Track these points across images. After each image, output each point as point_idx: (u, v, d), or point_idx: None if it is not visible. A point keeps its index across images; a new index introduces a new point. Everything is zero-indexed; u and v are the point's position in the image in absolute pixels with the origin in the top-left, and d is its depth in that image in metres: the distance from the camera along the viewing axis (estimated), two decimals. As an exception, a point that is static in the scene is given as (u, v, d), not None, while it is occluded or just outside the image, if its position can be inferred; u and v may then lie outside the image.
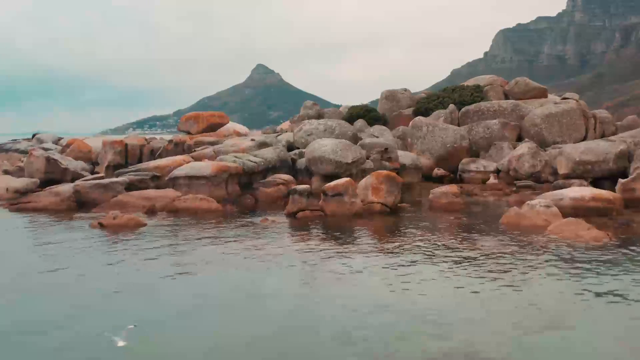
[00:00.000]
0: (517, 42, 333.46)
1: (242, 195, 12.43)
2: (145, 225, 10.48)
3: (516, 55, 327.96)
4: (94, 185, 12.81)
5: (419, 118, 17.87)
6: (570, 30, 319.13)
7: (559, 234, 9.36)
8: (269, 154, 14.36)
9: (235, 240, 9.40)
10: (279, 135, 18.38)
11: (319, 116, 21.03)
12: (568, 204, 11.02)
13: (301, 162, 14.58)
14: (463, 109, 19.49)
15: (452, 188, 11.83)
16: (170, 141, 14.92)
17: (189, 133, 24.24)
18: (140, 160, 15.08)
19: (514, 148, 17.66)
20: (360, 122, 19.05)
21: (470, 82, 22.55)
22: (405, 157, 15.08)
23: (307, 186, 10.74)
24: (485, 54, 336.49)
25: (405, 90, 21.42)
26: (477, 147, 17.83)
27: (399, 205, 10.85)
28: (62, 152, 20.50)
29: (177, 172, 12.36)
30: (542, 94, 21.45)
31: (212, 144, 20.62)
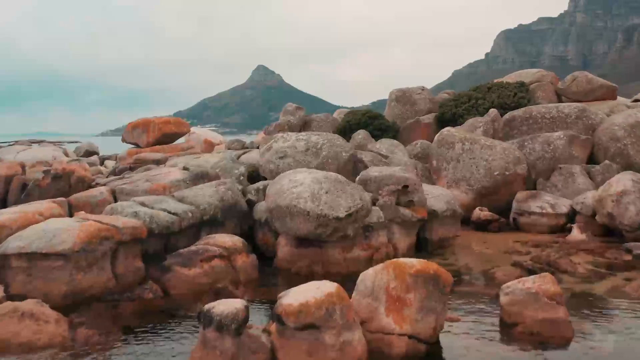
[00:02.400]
0: (518, 42, 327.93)
1: (143, 284, 6.57)
2: None
3: (518, 56, 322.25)
4: None
5: (449, 130, 11.78)
6: (572, 31, 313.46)
7: None
8: (204, 196, 8.37)
9: None
10: (245, 153, 12.41)
11: (305, 125, 15.11)
12: None
13: (262, 208, 8.60)
14: (507, 116, 13.43)
15: (545, 281, 5.84)
16: (46, 171, 8.59)
17: (137, 146, 18.31)
18: (3, 202, 9.13)
19: (589, 174, 11.68)
20: (361, 135, 13.02)
21: (511, 77, 16.55)
22: (435, 196, 9.00)
23: (239, 306, 4.12)
24: (487, 54, 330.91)
25: (423, 89, 15.40)
26: (533, 173, 11.89)
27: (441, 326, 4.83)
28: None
29: (11, 244, 6.45)
30: (610, 95, 15.43)
31: (159, 162, 14.68)
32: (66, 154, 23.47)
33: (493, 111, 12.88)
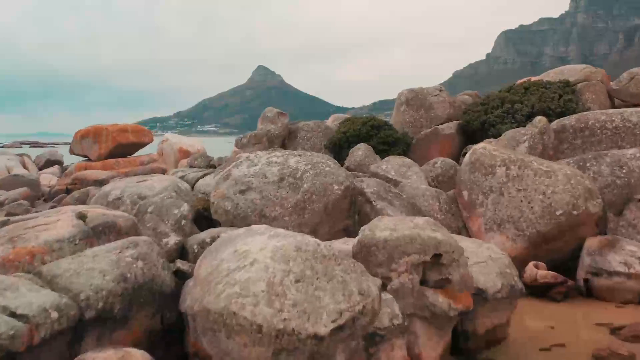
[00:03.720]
0: (519, 43, 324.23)
1: None
2: None
3: (518, 57, 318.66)
4: None
5: (485, 148, 8.27)
6: (573, 32, 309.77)
7: None
8: (91, 274, 4.97)
9: None
10: (206, 175, 8.92)
11: (290, 135, 11.66)
12: None
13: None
14: (554, 125, 9.98)
15: None
16: None
17: (88, 159, 14.91)
18: None
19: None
20: (361, 151, 9.57)
21: (550, 75, 13.05)
22: (479, 261, 5.48)
23: None
24: (487, 55, 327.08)
25: (441, 89, 11.91)
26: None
27: None
28: None
29: None
30: (680, 97, 12.01)
31: (102, 183, 11.28)
32: (23, 165, 20.08)
33: (541, 120, 9.38)
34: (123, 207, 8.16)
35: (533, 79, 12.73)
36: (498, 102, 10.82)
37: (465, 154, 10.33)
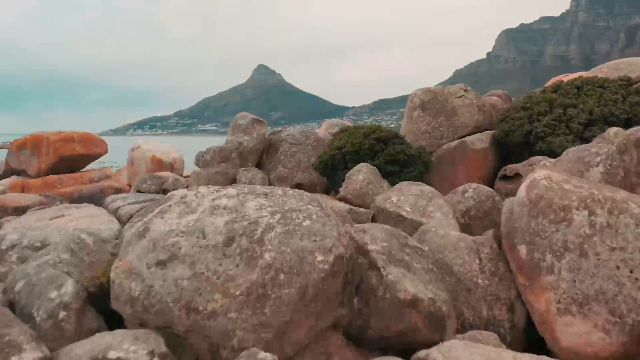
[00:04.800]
0: (520, 42, 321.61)
1: None
2: None
3: (519, 56, 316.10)
4: None
5: (552, 179, 5.44)
6: (574, 31, 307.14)
7: None
8: None
9: None
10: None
11: (269, 149, 8.86)
12: None
13: None
14: (626, 136, 7.17)
15: None
16: None
17: (26, 175, 12.14)
18: None
19: None
20: (363, 174, 6.75)
21: (601, 70, 10.24)
22: None
23: None
24: (488, 54, 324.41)
25: (466, 89, 9.05)
26: None
27: None
28: None
29: None
30: None
31: (25, 210, 8.51)
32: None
33: (619, 133, 6.55)
34: (6, 267, 5.43)
35: (584, 74, 9.94)
36: (545, 106, 8.02)
37: (505, 176, 7.56)
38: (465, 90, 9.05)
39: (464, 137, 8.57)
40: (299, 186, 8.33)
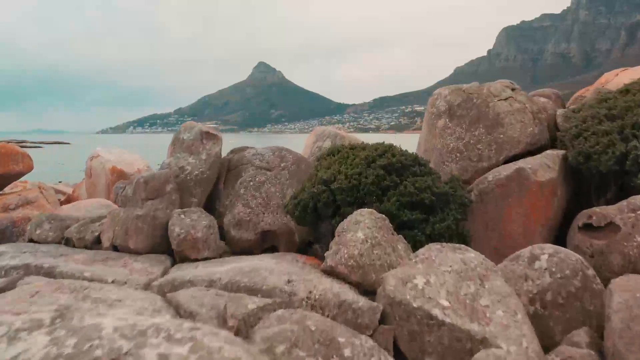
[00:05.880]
0: (521, 40, 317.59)
1: None
2: None
3: (520, 54, 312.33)
4: None
5: None
6: (574, 28, 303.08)
7: None
8: None
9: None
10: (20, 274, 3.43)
11: (227, 175, 6.05)
12: None
13: None
14: None
15: None
16: None
17: None
18: None
19: None
20: (363, 232, 3.94)
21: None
22: None
23: None
24: (489, 52, 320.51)
25: (514, 87, 6.19)
26: None
27: None
28: None
29: None
30: None
31: None
32: None
33: None
34: None
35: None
36: (626, 109, 5.13)
37: (588, 225, 4.73)
38: (512, 90, 6.15)
39: (513, 158, 5.69)
40: (266, 236, 5.45)
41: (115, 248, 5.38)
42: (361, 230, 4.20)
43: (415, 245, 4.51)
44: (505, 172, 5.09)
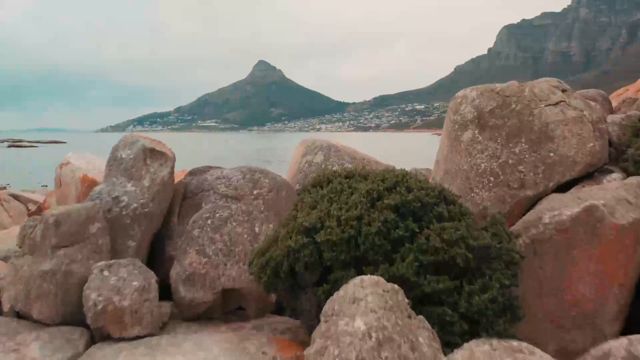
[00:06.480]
0: (521, 38, 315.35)
1: None
2: None
3: (520, 52, 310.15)
4: None
5: None
6: (575, 27, 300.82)
7: None
8: None
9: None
10: None
11: (183, 204, 4.53)
12: None
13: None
14: None
15: None
16: None
17: None
18: None
19: None
20: (367, 314, 2.46)
21: None
22: None
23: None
24: (489, 50, 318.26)
25: (565, 89, 4.73)
26: None
27: None
28: None
29: None
30: None
31: None
32: None
33: None
34: None
35: None
36: None
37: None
38: (563, 91, 4.59)
39: (567, 184, 4.16)
40: (230, 295, 3.93)
41: (18, 314, 3.84)
42: (362, 314, 2.66)
43: (443, 328, 2.97)
44: (567, 211, 3.53)
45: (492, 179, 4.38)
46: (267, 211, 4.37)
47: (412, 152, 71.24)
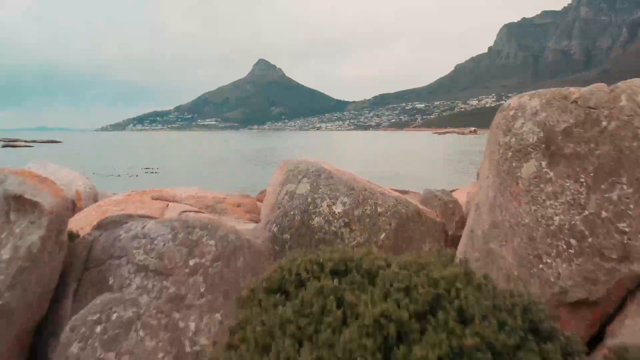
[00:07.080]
0: (521, 37, 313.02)
1: None
2: None
3: (521, 51, 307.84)
4: None
5: None
6: (575, 26, 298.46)
7: None
8: None
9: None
10: None
11: (81, 285, 2.95)
12: None
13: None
14: None
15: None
16: None
17: None
18: None
19: None
20: None
21: None
22: None
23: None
24: (490, 49, 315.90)
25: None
26: None
27: None
28: None
29: None
30: None
31: None
32: None
33: None
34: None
35: None
36: None
37: None
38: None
39: None
40: None
41: None
42: None
43: None
44: None
45: (573, 242, 2.69)
46: (211, 293, 2.68)
47: (413, 152, 69.38)
